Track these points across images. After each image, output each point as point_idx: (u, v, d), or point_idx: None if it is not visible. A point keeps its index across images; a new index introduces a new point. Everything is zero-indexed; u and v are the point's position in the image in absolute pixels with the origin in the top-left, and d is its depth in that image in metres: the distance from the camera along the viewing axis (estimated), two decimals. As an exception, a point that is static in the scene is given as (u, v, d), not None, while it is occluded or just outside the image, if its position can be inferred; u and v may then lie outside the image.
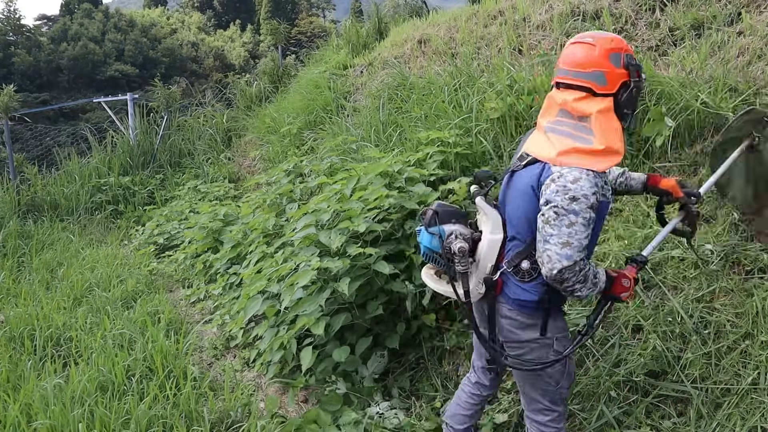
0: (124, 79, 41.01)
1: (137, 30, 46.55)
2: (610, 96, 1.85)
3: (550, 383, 2.01)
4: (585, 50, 1.87)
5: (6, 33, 40.88)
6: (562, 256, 1.74)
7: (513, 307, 1.96)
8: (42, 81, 40.13)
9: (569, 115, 1.87)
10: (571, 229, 1.74)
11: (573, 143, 1.82)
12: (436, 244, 1.97)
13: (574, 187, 1.75)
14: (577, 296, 1.82)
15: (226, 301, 4.53)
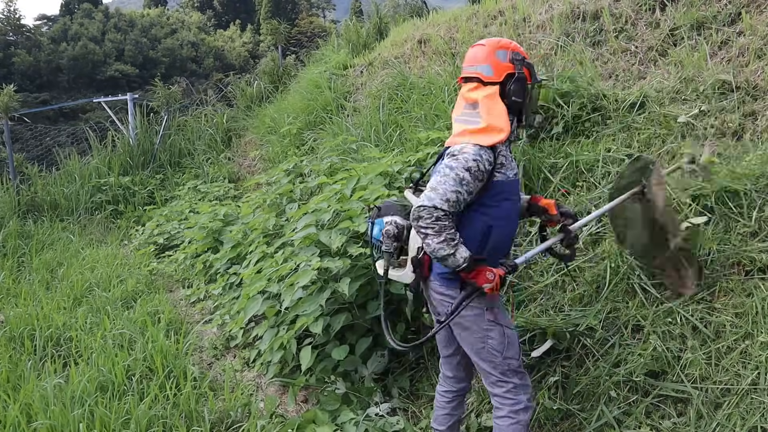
0: (124, 79, 40.98)
1: (137, 30, 46.53)
2: (496, 84, 2.16)
3: (495, 355, 2.16)
4: (477, 49, 2.23)
5: (6, 33, 40.87)
6: (425, 197, 2.00)
7: (440, 282, 2.19)
8: (42, 81, 40.11)
9: (468, 105, 2.19)
10: (444, 178, 2.01)
11: (465, 126, 2.15)
12: (377, 233, 2.30)
13: (458, 155, 2.05)
14: (428, 244, 1.99)
15: (226, 301, 4.53)
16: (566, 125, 3.74)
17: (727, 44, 3.57)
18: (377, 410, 2.95)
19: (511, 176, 2.14)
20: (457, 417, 2.45)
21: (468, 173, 2.01)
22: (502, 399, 2.19)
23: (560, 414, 2.55)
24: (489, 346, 2.15)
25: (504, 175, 2.10)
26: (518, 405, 2.17)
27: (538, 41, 4.92)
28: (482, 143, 2.06)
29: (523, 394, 2.19)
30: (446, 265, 2.02)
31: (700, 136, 2.98)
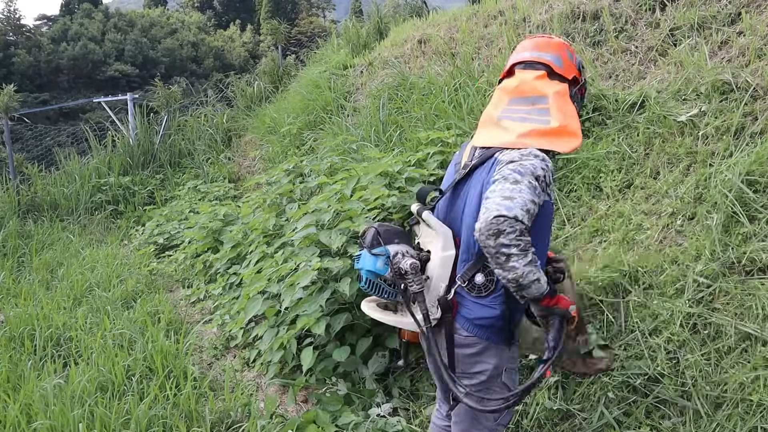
0: (124, 79, 40.99)
1: (137, 30, 46.53)
2: (565, 81, 1.84)
3: (489, 418, 1.87)
4: (546, 39, 1.91)
5: (6, 33, 40.88)
6: (502, 205, 1.54)
7: (469, 332, 1.78)
8: (42, 81, 40.13)
9: (523, 100, 1.82)
10: (516, 186, 1.58)
11: (531, 125, 1.76)
12: (381, 267, 1.77)
13: (523, 158, 1.67)
14: (512, 268, 1.53)
15: (226, 301, 4.53)
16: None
17: (727, 44, 3.57)
18: (378, 411, 2.95)
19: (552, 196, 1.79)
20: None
21: (538, 182, 1.62)
22: None
23: (560, 414, 2.55)
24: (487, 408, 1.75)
25: (549, 197, 1.73)
26: None
27: (538, 41, 4.92)
28: (557, 149, 1.73)
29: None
30: (528, 294, 1.61)
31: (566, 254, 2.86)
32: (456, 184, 1.88)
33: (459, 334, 1.80)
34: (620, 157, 3.33)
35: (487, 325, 1.77)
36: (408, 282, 1.75)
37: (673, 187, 2.95)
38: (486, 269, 1.75)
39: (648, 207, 3.00)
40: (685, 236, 2.74)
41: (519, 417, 2.68)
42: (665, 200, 2.94)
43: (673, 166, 3.08)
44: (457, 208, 1.86)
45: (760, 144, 2.75)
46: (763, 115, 2.90)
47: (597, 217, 3.17)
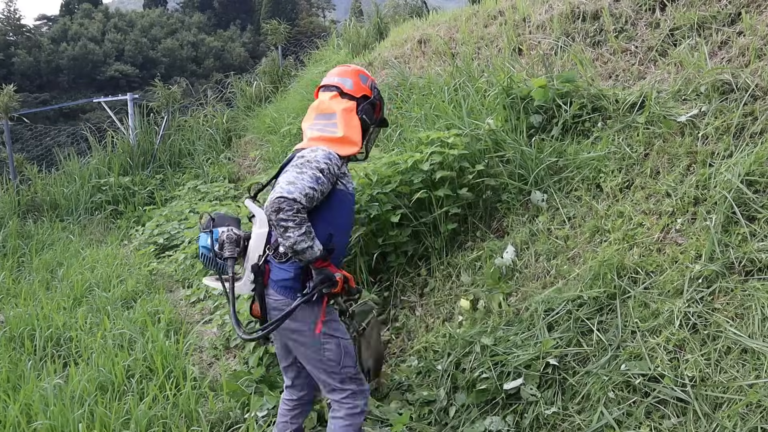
0: (124, 79, 41.02)
1: (137, 30, 46.55)
2: (353, 100, 2.36)
3: (332, 365, 2.24)
4: (343, 67, 2.50)
5: (6, 33, 40.90)
6: (284, 190, 2.00)
7: (279, 294, 2.20)
8: (42, 81, 40.15)
9: (322, 116, 2.33)
10: (300, 174, 2.06)
11: (321, 134, 2.28)
12: (211, 242, 2.27)
13: (310, 155, 2.15)
14: (288, 236, 1.99)
15: (226, 302, 4.52)
16: (565, 125, 3.74)
17: (727, 44, 3.57)
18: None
19: (350, 189, 2.30)
20: (296, 426, 2.50)
21: (321, 174, 2.10)
22: (339, 403, 2.29)
23: (560, 416, 2.55)
24: (326, 358, 2.23)
25: (345, 187, 2.25)
26: (355, 409, 2.28)
27: (538, 41, 4.92)
28: (339, 152, 2.22)
29: (360, 400, 2.30)
30: (303, 258, 2.07)
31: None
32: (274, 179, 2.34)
33: (271, 298, 2.22)
34: (620, 157, 3.33)
35: (287, 287, 2.19)
36: (225, 251, 2.23)
37: (673, 187, 2.95)
38: None
39: (648, 207, 3.00)
40: (685, 236, 2.74)
41: (518, 418, 2.68)
42: (665, 200, 2.94)
43: (673, 166, 3.08)
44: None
45: (760, 144, 2.75)
46: (763, 115, 2.90)
47: (597, 217, 3.17)
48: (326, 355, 2.23)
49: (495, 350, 2.91)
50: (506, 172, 3.67)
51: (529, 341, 2.86)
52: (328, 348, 2.23)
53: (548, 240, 3.29)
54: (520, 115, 3.86)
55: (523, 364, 2.76)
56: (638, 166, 3.23)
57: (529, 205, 3.58)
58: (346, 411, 2.28)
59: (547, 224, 3.38)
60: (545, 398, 2.64)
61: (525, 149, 3.66)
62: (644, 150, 3.28)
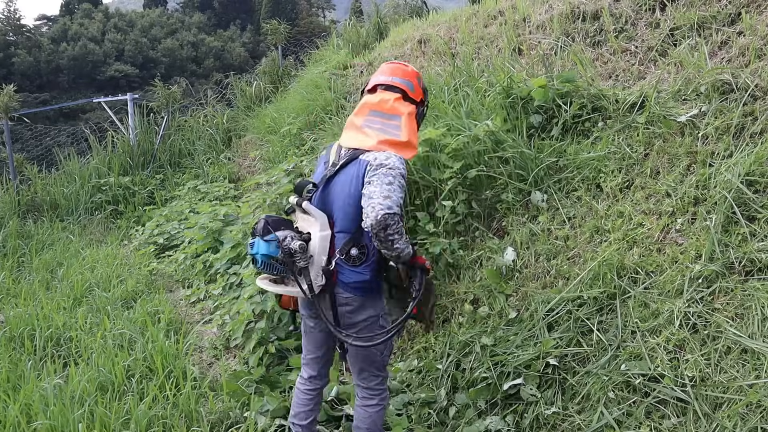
0: (124, 79, 41.01)
1: (137, 30, 46.55)
2: (414, 104, 2.41)
3: (377, 354, 2.39)
4: (402, 67, 2.48)
5: (6, 33, 40.90)
6: (384, 205, 2.07)
7: (348, 293, 2.27)
8: (42, 81, 40.15)
9: (380, 114, 2.35)
10: (390, 186, 2.12)
11: (387, 136, 2.29)
12: (274, 250, 2.19)
13: (389, 162, 2.18)
14: (396, 248, 2.12)
15: (226, 301, 4.53)
16: (565, 125, 3.74)
17: (727, 44, 3.57)
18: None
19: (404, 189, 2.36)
20: (316, 412, 2.62)
21: (403, 179, 2.19)
22: (372, 390, 2.44)
23: (560, 416, 2.55)
24: (374, 348, 2.33)
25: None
26: (384, 392, 2.48)
27: (538, 41, 4.92)
28: (404, 156, 2.26)
29: (386, 384, 2.51)
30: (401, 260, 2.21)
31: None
32: (328, 179, 2.34)
33: (340, 296, 2.28)
34: (620, 157, 3.33)
35: (360, 287, 2.27)
36: (296, 260, 2.19)
37: (673, 187, 2.95)
38: (359, 244, 2.26)
39: (648, 207, 3.00)
40: (685, 236, 2.74)
41: (518, 418, 2.68)
42: (665, 200, 2.94)
43: (673, 166, 3.08)
44: (330, 198, 2.32)
45: (760, 144, 2.75)
46: (763, 115, 2.90)
47: (597, 217, 3.17)
48: (375, 340, 2.31)
49: (495, 350, 2.91)
50: (506, 172, 3.67)
51: (529, 341, 2.87)
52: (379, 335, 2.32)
53: (548, 240, 3.29)
54: (520, 115, 3.86)
55: (523, 364, 2.77)
56: (638, 166, 3.23)
57: (529, 205, 3.58)
58: (379, 398, 2.44)
59: (547, 224, 3.38)
60: (545, 398, 2.64)
61: (525, 149, 3.66)
62: (644, 150, 3.27)
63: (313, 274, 2.22)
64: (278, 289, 2.34)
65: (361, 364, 2.42)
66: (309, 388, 2.58)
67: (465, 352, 3.09)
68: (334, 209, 2.30)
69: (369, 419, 2.44)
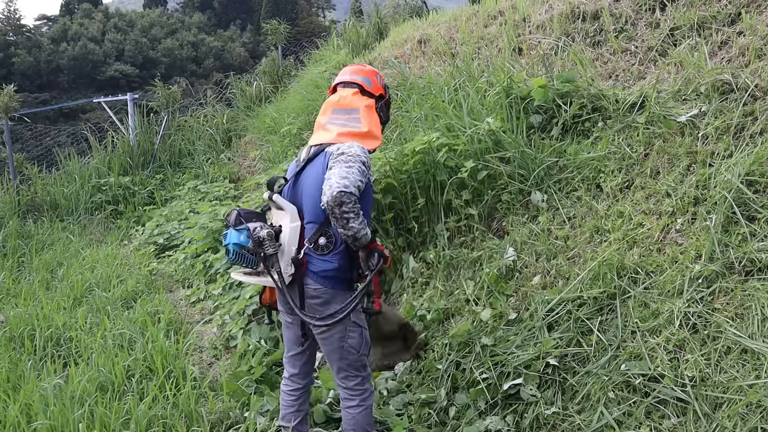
0: (124, 79, 41.01)
1: (137, 30, 46.53)
2: (373, 98, 2.53)
3: (352, 352, 2.39)
4: (360, 66, 2.66)
5: (6, 33, 40.89)
6: (341, 184, 2.14)
7: (318, 283, 2.31)
8: (42, 81, 40.15)
9: (342, 110, 2.47)
10: (349, 169, 2.19)
11: (347, 129, 2.41)
12: (244, 239, 2.29)
13: (350, 150, 2.27)
14: (351, 227, 2.17)
15: (226, 301, 4.53)
16: (565, 125, 3.74)
17: (727, 44, 3.57)
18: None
19: (371, 180, 2.45)
20: (304, 412, 2.62)
21: (364, 166, 2.26)
22: (352, 391, 2.44)
23: (560, 416, 2.55)
24: (348, 345, 2.37)
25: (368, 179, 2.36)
26: (366, 393, 2.45)
27: (538, 41, 4.92)
28: (365, 146, 2.35)
29: (368, 383, 2.48)
30: (360, 243, 2.26)
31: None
32: (297, 173, 2.45)
33: (309, 287, 2.31)
34: (620, 157, 3.33)
35: (329, 276, 2.31)
36: (265, 247, 2.26)
37: (673, 187, 2.95)
38: (327, 233, 2.32)
39: (648, 207, 3.00)
40: (685, 236, 2.74)
41: (518, 418, 2.68)
42: (665, 200, 2.94)
43: (673, 166, 3.08)
44: (299, 191, 2.42)
45: (760, 144, 2.75)
46: (763, 115, 2.90)
47: (597, 217, 3.17)
48: (349, 342, 2.36)
49: (495, 350, 2.91)
50: (506, 172, 3.67)
51: (529, 341, 2.86)
52: (353, 336, 2.37)
53: (548, 240, 3.29)
54: (520, 115, 3.86)
55: (523, 364, 2.76)
56: (638, 166, 3.23)
57: (529, 205, 3.58)
58: (359, 398, 2.43)
59: (547, 224, 3.38)
60: (545, 398, 2.64)
61: (525, 149, 3.66)
62: (644, 150, 3.27)
63: (283, 264, 2.28)
64: (251, 280, 2.42)
65: (338, 363, 2.42)
66: (291, 388, 2.60)
67: (465, 352, 3.09)
68: (303, 201, 2.39)
69: (352, 420, 2.44)
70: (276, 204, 2.40)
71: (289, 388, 2.61)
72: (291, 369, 2.61)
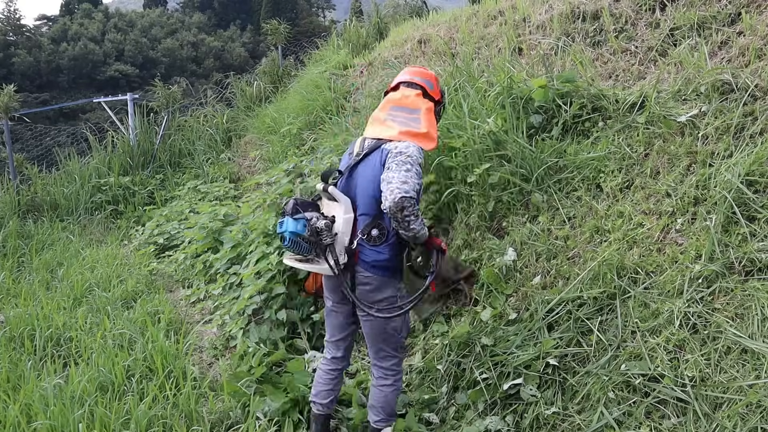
0: (124, 79, 41.02)
1: (137, 30, 46.53)
2: (433, 102, 2.62)
3: (393, 334, 2.56)
4: (422, 69, 2.76)
5: (6, 33, 40.88)
6: (402, 189, 2.24)
7: (369, 272, 2.46)
8: (42, 81, 40.15)
9: (402, 108, 2.55)
10: (408, 173, 2.29)
11: (408, 128, 2.48)
12: (301, 228, 2.38)
13: (408, 150, 2.36)
14: (412, 228, 2.31)
15: (226, 301, 4.53)
16: (565, 125, 3.74)
17: (727, 44, 3.57)
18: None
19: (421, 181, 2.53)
20: (336, 392, 2.79)
21: (420, 167, 2.37)
22: (387, 370, 2.61)
23: (559, 416, 2.55)
24: (390, 328, 2.53)
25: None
26: (399, 374, 2.65)
27: (538, 41, 4.92)
28: (423, 146, 2.45)
29: (401, 366, 2.67)
30: (418, 240, 2.43)
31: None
32: (352, 167, 2.54)
33: (360, 275, 2.47)
34: (620, 157, 3.33)
35: (380, 266, 2.46)
36: (323, 237, 2.39)
37: (673, 187, 2.95)
38: (380, 225, 2.45)
39: (648, 207, 3.00)
40: (685, 236, 2.74)
41: (518, 418, 2.68)
42: (665, 200, 2.94)
43: (673, 166, 3.08)
44: (354, 183, 2.52)
45: (760, 144, 2.75)
46: (763, 115, 2.90)
47: (597, 217, 3.17)
48: (392, 325, 2.53)
49: (495, 350, 2.91)
50: (507, 172, 3.66)
51: (529, 341, 2.87)
52: (396, 319, 2.52)
53: (548, 240, 3.29)
54: (521, 115, 3.86)
55: (523, 364, 2.77)
56: (638, 166, 3.23)
57: (529, 205, 3.58)
58: (394, 378, 2.61)
59: (547, 224, 3.38)
60: (545, 398, 2.64)
61: (525, 149, 3.66)
62: (644, 150, 3.27)
63: (337, 251, 2.41)
64: (304, 266, 2.50)
65: (379, 344, 2.57)
66: (331, 368, 2.76)
67: (465, 352, 3.09)
68: (357, 194, 2.49)
69: (384, 398, 2.60)
70: (329, 195, 2.49)
71: (329, 368, 2.76)
72: (335, 352, 2.76)
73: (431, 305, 3.18)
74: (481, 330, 3.11)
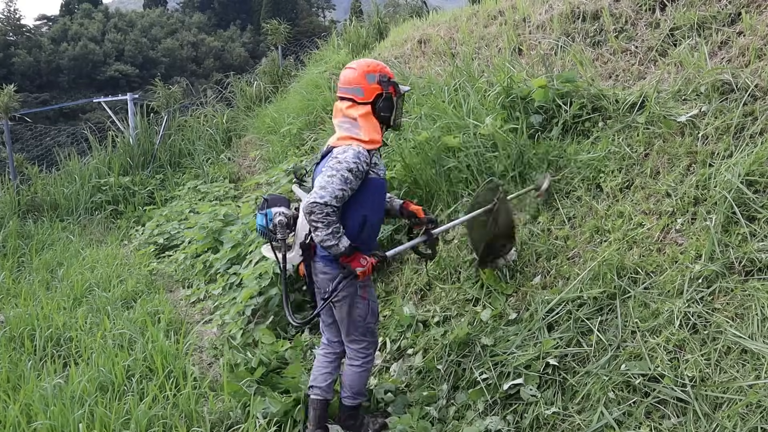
0: (124, 79, 41.02)
1: (137, 30, 46.53)
2: (367, 104, 2.60)
3: (359, 320, 2.72)
4: (349, 72, 2.64)
5: (6, 33, 40.89)
6: (317, 194, 2.36)
7: (323, 263, 2.61)
8: (42, 81, 40.14)
9: (344, 119, 2.62)
10: (331, 179, 2.39)
11: (350, 134, 2.57)
12: (260, 221, 2.61)
13: (340, 156, 2.46)
14: (317, 235, 2.39)
15: (226, 301, 4.53)
16: (565, 125, 3.74)
17: (727, 44, 3.57)
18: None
19: (381, 175, 2.62)
20: (334, 376, 2.87)
21: (350, 173, 2.42)
22: (357, 352, 2.78)
23: (559, 416, 2.55)
24: (355, 314, 2.69)
25: (376, 174, 2.57)
26: (368, 357, 2.80)
27: (538, 41, 4.92)
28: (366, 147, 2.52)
29: (372, 350, 2.82)
30: (330, 252, 2.47)
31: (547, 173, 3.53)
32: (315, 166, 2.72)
33: (317, 264, 2.64)
34: (620, 157, 3.33)
35: (332, 260, 2.55)
36: (278, 234, 2.59)
37: (673, 187, 2.95)
38: None
39: (648, 207, 3.00)
40: (685, 236, 2.74)
41: (518, 417, 2.68)
42: (665, 200, 2.94)
43: (673, 166, 3.08)
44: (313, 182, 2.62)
45: (760, 144, 2.75)
46: (763, 115, 2.90)
47: (597, 217, 3.17)
48: (357, 312, 2.69)
49: (495, 350, 2.91)
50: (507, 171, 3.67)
51: (529, 341, 2.87)
52: (359, 307, 2.69)
53: (548, 240, 3.29)
54: (521, 115, 3.86)
55: (523, 364, 2.76)
56: (638, 166, 3.23)
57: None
58: (363, 360, 2.77)
59: (547, 224, 3.38)
60: (545, 398, 2.64)
61: (525, 149, 3.66)
62: (644, 150, 3.27)
63: (295, 248, 2.63)
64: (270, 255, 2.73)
65: (347, 329, 2.75)
66: (328, 352, 2.90)
67: (465, 352, 3.09)
68: None
69: (352, 377, 2.78)
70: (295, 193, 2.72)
71: (326, 352, 2.91)
72: (330, 337, 2.90)
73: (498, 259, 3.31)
74: (481, 330, 3.11)
